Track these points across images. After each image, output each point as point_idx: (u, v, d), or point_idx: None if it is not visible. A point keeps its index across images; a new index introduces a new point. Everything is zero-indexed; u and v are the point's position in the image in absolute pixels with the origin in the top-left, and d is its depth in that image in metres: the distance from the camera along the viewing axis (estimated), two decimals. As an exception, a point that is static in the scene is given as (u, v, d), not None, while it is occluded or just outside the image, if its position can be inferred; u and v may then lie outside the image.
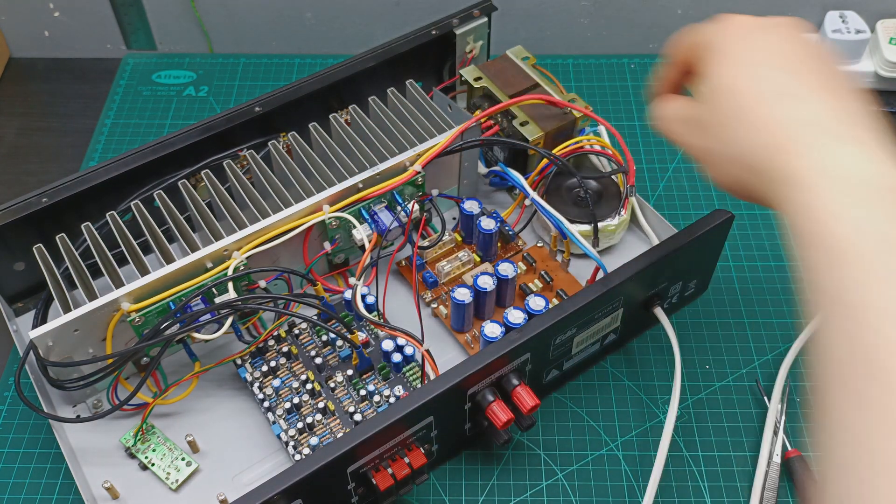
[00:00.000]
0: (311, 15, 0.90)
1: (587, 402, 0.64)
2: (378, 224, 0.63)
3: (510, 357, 0.54)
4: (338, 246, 0.65)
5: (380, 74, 0.72)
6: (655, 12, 0.89)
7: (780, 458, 0.60)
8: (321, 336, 0.63)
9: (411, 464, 0.54)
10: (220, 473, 0.59)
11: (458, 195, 0.73)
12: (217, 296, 0.60)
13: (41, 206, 0.61)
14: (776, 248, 0.74)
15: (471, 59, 0.76)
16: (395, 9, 0.90)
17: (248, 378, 0.61)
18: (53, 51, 0.94)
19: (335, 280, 0.68)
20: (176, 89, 0.90)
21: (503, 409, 0.55)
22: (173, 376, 0.62)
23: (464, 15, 0.74)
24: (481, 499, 0.59)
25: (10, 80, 0.93)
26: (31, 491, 0.60)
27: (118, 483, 0.58)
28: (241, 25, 0.92)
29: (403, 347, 0.60)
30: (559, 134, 0.70)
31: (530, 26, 0.91)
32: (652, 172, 0.80)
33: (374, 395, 0.60)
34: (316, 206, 0.62)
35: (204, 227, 0.63)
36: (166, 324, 0.57)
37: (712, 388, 0.65)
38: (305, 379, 0.60)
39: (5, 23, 0.92)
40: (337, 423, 0.59)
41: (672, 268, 0.61)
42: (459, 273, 0.67)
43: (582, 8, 0.89)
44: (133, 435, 0.60)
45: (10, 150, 0.85)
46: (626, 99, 0.87)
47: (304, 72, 0.91)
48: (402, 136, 0.67)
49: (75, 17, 0.91)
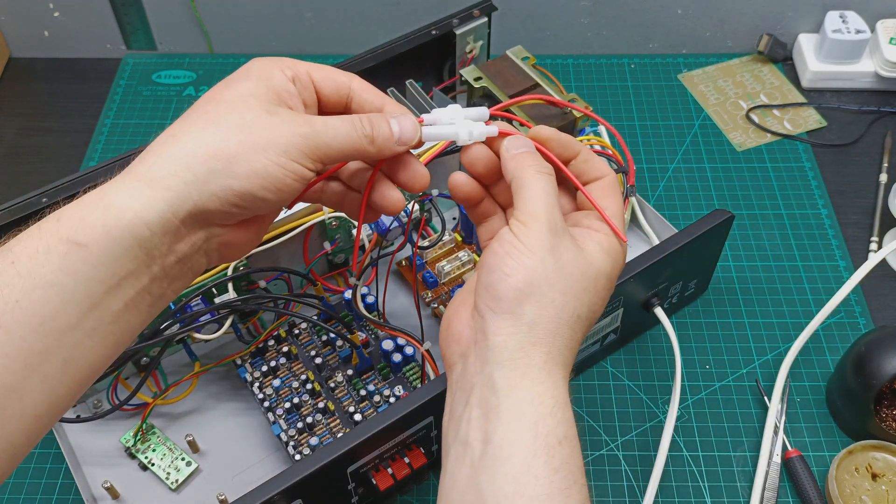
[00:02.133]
0: (311, 15, 0.90)
1: (587, 402, 0.64)
2: (378, 224, 0.63)
3: (510, 357, 0.54)
4: (338, 246, 0.65)
5: (380, 74, 0.72)
6: (655, 12, 0.89)
7: (780, 458, 0.60)
8: (321, 336, 0.63)
9: (411, 464, 0.54)
10: (220, 473, 0.59)
11: (458, 195, 0.73)
12: (217, 296, 0.60)
13: (41, 206, 0.61)
14: (776, 248, 0.74)
15: (471, 59, 0.76)
16: (395, 9, 0.90)
17: (248, 378, 0.61)
18: (53, 51, 0.94)
19: (335, 280, 0.68)
20: (176, 89, 0.90)
21: (503, 409, 0.55)
22: (173, 376, 0.62)
23: (464, 15, 0.74)
24: (481, 499, 0.59)
25: (10, 80, 0.93)
26: (31, 491, 0.60)
27: (118, 483, 0.58)
28: (241, 25, 0.92)
29: (403, 347, 0.60)
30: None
31: (530, 26, 0.91)
32: (652, 172, 0.80)
33: (374, 395, 0.60)
34: (316, 205, 0.62)
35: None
36: (166, 324, 0.57)
37: (712, 388, 0.65)
38: (305, 379, 0.60)
39: (5, 23, 0.92)
40: (337, 423, 0.58)
41: (672, 268, 0.61)
42: (459, 273, 0.67)
43: (582, 8, 0.89)
44: (133, 435, 0.60)
45: (10, 150, 0.85)
46: (626, 99, 0.87)
47: (304, 72, 0.91)
48: (402, 136, 0.67)
49: (75, 17, 0.91)
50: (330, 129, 0.39)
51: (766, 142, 0.82)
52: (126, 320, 0.37)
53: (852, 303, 0.70)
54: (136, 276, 0.37)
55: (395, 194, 0.44)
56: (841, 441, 0.62)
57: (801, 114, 0.85)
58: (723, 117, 0.85)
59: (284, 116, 0.39)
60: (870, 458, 0.58)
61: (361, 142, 0.40)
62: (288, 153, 0.38)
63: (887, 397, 0.60)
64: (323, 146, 0.39)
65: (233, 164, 0.37)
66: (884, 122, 0.83)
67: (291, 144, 0.38)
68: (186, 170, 0.37)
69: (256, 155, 0.37)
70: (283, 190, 0.38)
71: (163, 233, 0.36)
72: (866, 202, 0.77)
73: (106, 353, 0.37)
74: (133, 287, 0.37)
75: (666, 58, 0.91)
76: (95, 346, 0.36)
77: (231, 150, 0.37)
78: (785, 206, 0.77)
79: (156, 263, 0.37)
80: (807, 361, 0.66)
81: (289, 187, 0.38)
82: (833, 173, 0.80)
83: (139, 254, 0.36)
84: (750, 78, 0.89)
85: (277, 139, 0.38)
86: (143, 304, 0.38)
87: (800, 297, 0.70)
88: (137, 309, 0.37)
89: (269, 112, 0.38)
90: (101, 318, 0.36)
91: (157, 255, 0.37)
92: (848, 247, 0.74)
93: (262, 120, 0.38)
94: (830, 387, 0.63)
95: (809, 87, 0.87)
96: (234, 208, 0.38)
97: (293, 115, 0.39)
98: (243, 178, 0.37)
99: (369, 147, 0.40)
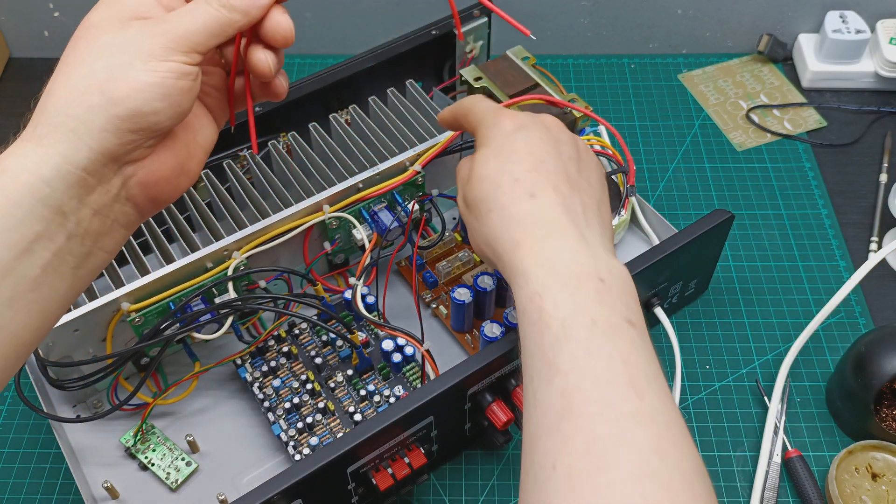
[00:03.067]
0: (311, 15, 0.90)
1: (587, 402, 0.64)
2: (378, 224, 0.63)
3: (510, 357, 0.54)
4: (338, 246, 0.65)
5: (380, 74, 0.72)
6: (655, 12, 0.89)
7: (780, 458, 0.60)
8: (321, 336, 0.63)
9: (411, 464, 0.54)
10: (220, 473, 0.59)
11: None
12: (217, 296, 0.60)
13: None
14: (776, 248, 0.74)
15: (471, 59, 0.76)
16: (395, 9, 0.90)
17: (248, 378, 0.61)
18: (53, 51, 0.94)
19: (335, 280, 0.68)
20: (176, 89, 0.90)
21: (503, 409, 0.55)
22: (173, 376, 0.62)
23: (464, 15, 0.74)
24: (481, 499, 0.59)
25: (10, 80, 0.93)
26: (31, 491, 0.60)
27: (118, 483, 0.58)
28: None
29: (403, 347, 0.60)
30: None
31: (530, 26, 0.90)
32: (652, 172, 0.80)
33: (374, 395, 0.60)
34: (316, 206, 0.62)
35: (204, 227, 0.63)
36: (166, 324, 0.57)
37: (712, 388, 0.65)
38: (305, 379, 0.60)
39: (5, 23, 0.92)
40: (337, 423, 0.58)
41: (672, 268, 0.61)
42: (459, 273, 0.67)
43: (582, 8, 0.89)
44: (133, 435, 0.60)
45: (10, 150, 0.85)
46: (626, 99, 0.87)
47: (304, 72, 0.91)
48: (402, 136, 0.67)
49: (75, 17, 0.91)
50: (185, 15, 0.38)
51: (766, 142, 0.83)
52: (49, 286, 0.36)
53: (852, 303, 0.70)
54: (49, 237, 0.36)
55: (262, 55, 0.41)
56: (841, 441, 0.62)
57: (801, 114, 0.85)
58: (723, 117, 0.85)
59: (138, 25, 0.38)
60: (870, 458, 0.58)
61: (221, 13, 0.38)
62: (154, 55, 0.37)
63: (887, 397, 0.60)
64: (186, 34, 0.37)
65: (107, 91, 0.36)
66: (884, 122, 0.83)
67: (154, 46, 0.37)
68: (68, 117, 0.36)
69: (124, 71, 0.36)
70: (169, 94, 0.37)
71: (66, 186, 0.36)
72: (866, 202, 0.77)
73: (31, 324, 0.36)
74: (47, 249, 0.36)
75: (666, 58, 0.91)
76: (17, 316, 0.35)
77: (100, 79, 0.36)
78: (785, 206, 0.77)
79: (69, 220, 0.36)
80: (807, 361, 0.66)
81: (173, 88, 0.37)
82: (833, 173, 0.80)
83: (45, 213, 0.35)
84: (750, 78, 0.89)
85: (139, 47, 0.37)
86: (66, 267, 0.37)
87: (800, 297, 0.70)
88: (59, 272, 0.36)
89: (122, 28, 0.37)
90: (17, 286, 0.35)
91: (67, 210, 0.36)
92: (848, 247, 0.74)
93: (118, 37, 0.37)
94: (830, 387, 0.63)
95: (809, 87, 0.87)
96: (130, 135, 0.37)
97: (145, 22, 0.38)
98: (123, 100, 0.36)
99: (233, 15, 0.39)
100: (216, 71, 0.44)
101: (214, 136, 0.44)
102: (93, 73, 0.36)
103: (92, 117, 0.36)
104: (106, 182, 0.37)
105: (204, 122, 0.43)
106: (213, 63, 0.43)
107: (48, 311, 0.37)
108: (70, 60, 0.37)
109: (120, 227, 0.39)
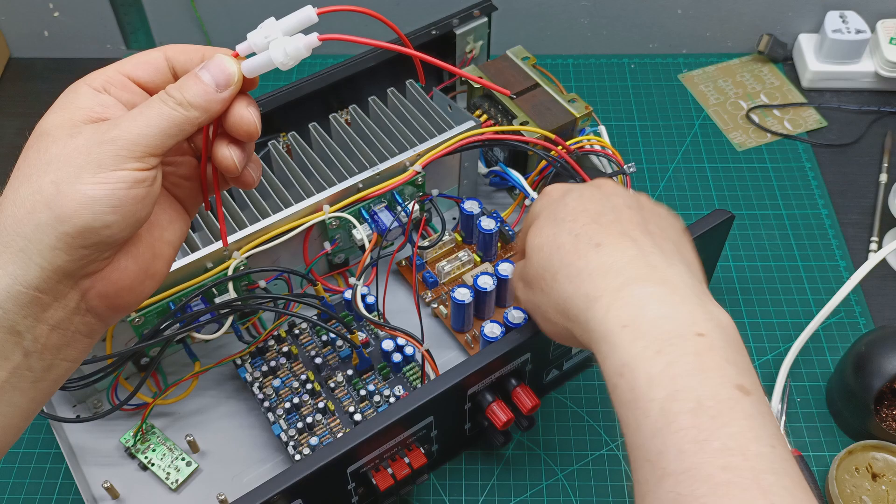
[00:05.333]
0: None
1: (587, 402, 0.64)
2: (378, 224, 0.63)
3: (510, 357, 0.54)
4: (338, 246, 0.65)
5: (380, 74, 0.72)
6: (655, 12, 0.89)
7: (780, 458, 0.60)
8: (321, 336, 0.63)
9: (411, 464, 0.54)
10: (220, 473, 0.59)
11: (458, 195, 0.73)
12: (217, 296, 0.60)
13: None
14: (776, 248, 0.74)
15: (471, 59, 0.76)
16: (395, 9, 0.90)
17: (248, 378, 0.61)
18: (53, 51, 0.94)
19: (335, 280, 0.68)
20: (176, 89, 0.90)
21: (503, 409, 0.55)
22: (173, 376, 0.62)
23: (464, 15, 0.74)
24: (481, 499, 0.59)
25: (10, 80, 0.93)
26: (30, 491, 0.60)
27: (118, 483, 0.58)
28: (240, 25, 0.91)
29: (403, 347, 0.60)
30: (559, 134, 0.70)
31: (530, 26, 0.91)
32: (652, 172, 0.80)
33: (374, 395, 0.60)
34: (316, 206, 0.62)
35: (203, 227, 0.63)
36: (166, 324, 0.57)
37: (712, 388, 0.65)
38: (305, 379, 0.60)
39: (5, 23, 0.92)
40: (337, 423, 0.58)
41: (672, 268, 0.61)
42: (459, 273, 0.67)
43: (582, 8, 0.89)
44: (133, 435, 0.60)
45: (9, 150, 0.85)
46: (626, 99, 0.87)
47: (304, 72, 0.91)
48: (402, 136, 0.67)
49: (75, 17, 0.91)
50: (138, 117, 0.35)
51: (767, 142, 0.82)
52: (6, 402, 0.35)
53: (852, 303, 0.70)
54: (4, 357, 0.34)
55: (226, 151, 0.39)
56: (841, 441, 0.62)
57: (801, 114, 0.85)
58: (723, 117, 0.85)
59: (88, 133, 0.35)
60: (870, 458, 0.58)
61: (177, 112, 0.36)
62: (103, 165, 0.34)
63: (887, 397, 0.60)
64: (138, 139, 0.35)
65: (54, 208, 0.33)
66: (884, 122, 0.83)
67: (103, 155, 0.34)
68: (17, 235, 0.34)
69: (72, 186, 0.34)
70: (121, 206, 0.34)
71: (18, 307, 0.34)
72: (866, 202, 0.77)
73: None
74: (2, 368, 0.35)
75: (666, 58, 0.91)
76: None
77: (47, 195, 0.34)
78: (785, 206, 0.77)
79: (24, 339, 0.35)
80: (807, 361, 0.66)
81: (125, 199, 0.34)
82: (833, 173, 0.80)
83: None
84: (750, 78, 0.89)
85: (87, 158, 0.34)
86: (25, 382, 0.35)
87: (800, 297, 0.70)
88: (17, 388, 0.35)
89: (72, 136, 0.35)
90: None
91: (21, 329, 0.34)
92: (848, 247, 0.74)
93: (68, 147, 0.34)
94: (830, 387, 0.63)
95: (809, 87, 0.87)
96: (83, 251, 0.34)
97: (97, 127, 0.35)
98: (71, 217, 0.33)
99: (191, 113, 0.36)
100: (186, 160, 0.41)
101: (185, 230, 0.42)
102: (40, 190, 0.34)
103: (41, 236, 0.33)
104: (62, 298, 0.35)
105: (172, 216, 0.41)
106: (181, 153, 0.41)
107: (9, 426, 0.36)
108: (19, 174, 0.35)
109: (82, 337, 0.37)
